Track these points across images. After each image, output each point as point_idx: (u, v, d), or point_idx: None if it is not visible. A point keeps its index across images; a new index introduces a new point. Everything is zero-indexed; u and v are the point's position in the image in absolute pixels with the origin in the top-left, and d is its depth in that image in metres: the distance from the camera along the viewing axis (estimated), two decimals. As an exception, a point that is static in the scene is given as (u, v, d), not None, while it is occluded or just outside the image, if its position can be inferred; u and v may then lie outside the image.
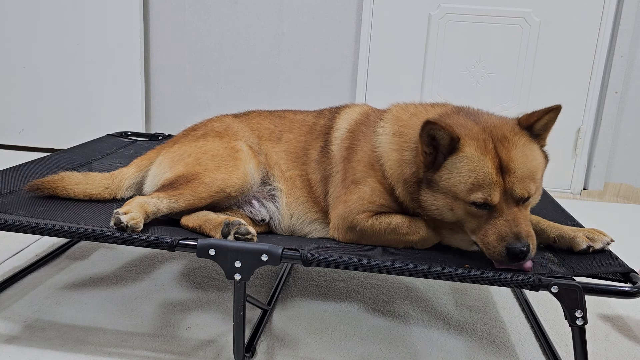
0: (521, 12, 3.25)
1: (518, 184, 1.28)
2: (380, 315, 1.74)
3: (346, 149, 1.60)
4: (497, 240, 1.28)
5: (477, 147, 1.30)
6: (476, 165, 1.29)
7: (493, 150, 1.30)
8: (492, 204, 1.28)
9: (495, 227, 1.28)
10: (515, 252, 1.25)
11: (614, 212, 3.19)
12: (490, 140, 1.31)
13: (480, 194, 1.28)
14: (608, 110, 3.30)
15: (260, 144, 1.71)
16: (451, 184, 1.32)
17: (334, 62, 3.49)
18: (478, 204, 1.29)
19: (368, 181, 1.51)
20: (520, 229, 1.27)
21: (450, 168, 1.32)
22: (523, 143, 1.33)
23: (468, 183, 1.29)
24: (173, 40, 3.57)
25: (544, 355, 1.57)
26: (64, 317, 1.61)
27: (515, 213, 1.29)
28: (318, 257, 1.30)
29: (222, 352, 1.49)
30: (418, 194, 1.40)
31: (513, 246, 1.25)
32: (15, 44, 3.56)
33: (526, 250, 1.25)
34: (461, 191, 1.30)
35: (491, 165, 1.28)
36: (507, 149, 1.30)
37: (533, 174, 1.31)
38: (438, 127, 1.30)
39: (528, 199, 1.31)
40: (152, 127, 3.72)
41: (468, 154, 1.30)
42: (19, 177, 1.80)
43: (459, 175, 1.30)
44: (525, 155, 1.31)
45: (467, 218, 1.33)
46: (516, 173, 1.28)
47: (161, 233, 1.40)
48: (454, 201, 1.33)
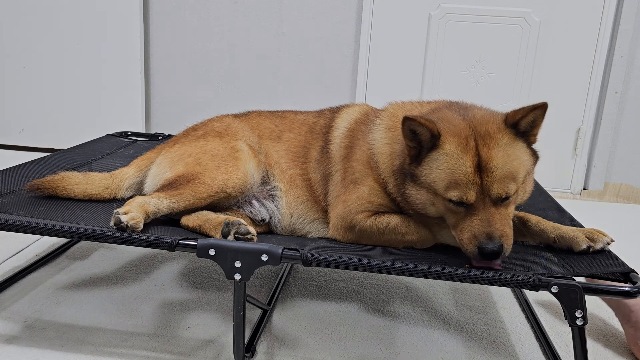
0: (521, 12, 3.25)
1: (496, 183, 1.27)
2: (380, 315, 1.74)
3: (345, 148, 1.60)
4: (470, 239, 1.28)
5: (458, 145, 1.30)
6: (454, 163, 1.29)
7: (474, 148, 1.29)
8: (468, 202, 1.28)
9: (470, 225, 1.29)
10: (486, 252, 1.25)
11: (614, 212, 3.19)
12: (472, 137, 1.30)
13: (456, 192, 1.28)
14: (608, 110, 3.30)
15: (261, 143, 1.71)
16: (431, 179, 1.32)
17: (334, 62, 3.49)
18: (455, 201, 1.29)
19: (366, 181, 1.52)
20: (493, 229, 1.26)
21: (430, 164, 1.32)
22: (506, 141, 1.31)
23: (446, 180, 1.29)
24: (173, 40, 3.57)
25: (544, 355, 1.57)
26: (64, 317, 1.61)
27: (490, 213, 1.28)
28: (318, 257, 1.30)
29: (222, 352, 1.49)
30: (403, 188, 1.41)
31: (484, 246, 1.25)
32: (15, 44, 3.56)
33: (498, 250, 1.25)
34: (439, 187, 1.31)
35: (469, 164, 1.27)
36: (488, 147, 1.29)
37: (513, 174, 1.29)
38: (417, 123, 1.30)
39: (507, 199, 1.30)
40: (152, 127, 3.72)
41: (447, 151, 1.30)
42: (19, 177, 1.80)
43: (437, 171, 1.31)
44: (506, 155, 1.29)
45: (448, 214, 1.34)
46: (494, 172, 1.27)
47: (161, 233, 1.40)
48: (434, 197, 1.34)
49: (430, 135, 1.31)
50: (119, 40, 3.50)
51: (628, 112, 3.33)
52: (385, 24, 3.38)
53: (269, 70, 3.55)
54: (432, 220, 1.43)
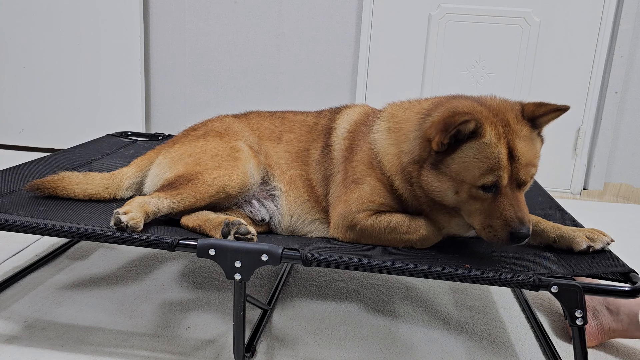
0: (521, 12, 3.25)
1: (523, 169, 1.33)
2: (380, 315, 1.74)
3: (346, 149, 1.60)
4: (502, 225, 1.31)
5: (494, 133, 1.33)
6: (493, 151, 1.31)
7: (504, 137, 1.33)
8: (501, 186, 1.32)
9: (500, 210, 1.31)
10: (519, 237, 1.29)
11: (614, 212, 3.19)
12: (500, 125, 1.34)
13: (491, 177, 1.31)
14: (608, 110, 3.30)
15: (261, 143, 1.71)
16: (464, 167, 1.33)
17: (334, 62, 3.49)
18: (487, 186, 1.32)
19: (368, 180, 1.52)
20: (524, 214, 1.31)
21: (468, 153, 1.33)
22: (525, 132, 1.36)
23: (482, 168, 1.31)
24: (173, 40, 3.57)
25: (544, 355, 1.57)
26: (64, 317, 1.61)
27: (518, 197, 1.33)
28: (318, 257, 1.30)
29: (222, 352, 1.49)
30: (419, 176, 1.41)
31: (518, 230, 1.29)
32: (15, 44, 3.56)
33: (528, 233, 1.30)
34: (473, 176, 1.32)
35: (504, 152, 1.32)
36: (512, 136, 1.33)
37: (533, 162, 1.36)
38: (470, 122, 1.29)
39: (525, 185, 1.36)
40: (152, 127, 3.73)
41: (488, 140, 1.32)
42: (19, 177, 1.80)
43: (474, 160, 1.32)
44: (527, 144, 1.35)
45: (469, 201, 1.35)
46: (521, 160, 1.33)
47: (161, 233, 1.40)
48: (460, 184, 1.35)
49: (475, 127, 1.31)
50: (119, 40, 3.50)
51: (628, 112, 3.33)
52: (385, 24, 3.38)
53: (269, 70, 3.55)
54: (442, 211, 1.44)
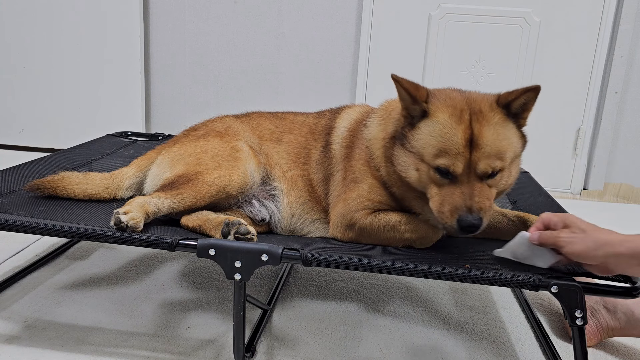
0: (521, 12, 3.25)
1: (483, 159, 1.30)
2: (380, 315, 1.74)
3: (346, 147, 1.61)
4: (450, 212, 1.30)
5: (452, 115, 1.33)
6: (447, 132, 1.31)
7: (468, 122, 1.31)
8: (455, 173, 1.30)
9: (452, 198, 1.31)
10: (465, 225, 1.27)
11: (614, 212, 3.19)
12: (467, 112, 1.33)
13: (444, 161, 1.30)
14: (608, 110, 3.30)
15: (261, 144, 1.71)
16: (421, 144, 1.35)
17: (334, 62, 3.49)
18: (441, 170, 1.31)
19: (366, 178, 1.52)
20: (473, 202, 1.28)
21: (424, 129, 1.35)
22: (497, 120, 1.33)
23: (436, 147, 1.32)
24: (173, 40, 3.57)
25: (544, 355, 1.57)
26: (64, 317, 1.61)
27: (473, 187, 1.30)
28: (318, 257, 1.30)
29: (222, 352, 1.49)
30: (392, 152, 1.43)
31: (464, 219, 1.27)
32: (15, 44, 3.56)
33: (477, 224, 1.27)
34: (428, 154, 1.33)
35: (461, 136, 1.30)
36: (479, 123, 1.31)
37: (501, 153, 1.32)
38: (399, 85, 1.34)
39: (492, 176, 1.32)
40: (152, 127, 3.73)
41: (441, 120, 1.33)
42: (19, 177, 1.80)
43: (429, 138, 1.33)
44: (496, 133, 1.32)
45: (430, 184, 1.35)
46: (483, 149, 1.30)
47: (161, 233, 1.40)
48: (420, 162, 1.36)
49: (412, 101, 1.35)
50: (119, 40, 3.50)
51: (628, 112, 3.33)
52: (385, 24, 3.38)
53: (269, 70, 3.55)
54: (415, 195, 1.44)
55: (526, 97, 1.34)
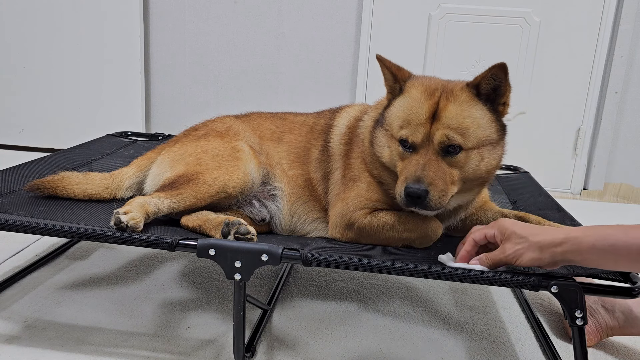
0: (521, 12, 3.25)
1: (441, 129, 1.31)
2: (380, 315, 1.74)
3: (345, 144, 1.61)
4: (402, 182, 1.33)
5: (423, 92, 1.37)
6: (413, 105, 1.36)
7: (436, 99, 1.35)
8: (413, 144, 1.33)
9: (406, 168, 1.33)
10: (409, 193, 1.28)
11: (614, 212, 3.19)
12: (439, 91, 1.37)
13: (405, 131, 1.34)
14: (608, 110, 3.30)
15: (262, 144, 1.71)
16: (392, 118, 1.40)
17: (334, 62, 3.49)
18: (403, 140, 1.35)
19: (363, 176, 1.52)
20: (423, 174, 1.29)
21: (396, 104, 1.42)
22: (463, 98, 1.36)
23: (401, 119, 1.36)
24: (173, 40, 3.57)
25: (544, 355, 1.57)
26: (64, 317, 1.61)
27: (428, 160, 1.31)
28: (318, 257, 1.30)
29: (222, 352, 1.49)
30: (373, 135, 1.48)
31: (410, 186, 1.29)
32: (15, 44, 3.56)
33: (420, 194, 1.27)
34: (395, 126, 1.38)
35: (425, 109, 1.34)
36: (447, 100, 1.35)
37: (462, 128, 1.32)
38: (383, 64, 1.43)
39: (451, 153, 1.32)
40: (152, 127, 3.73)
41: (412, 95, 1.39)
42: (19, 177, 1.80)
43: (398, 110, 1.39)
44: (460, 109, 1.34)
45: (397, 160, 1.39)
46: (442, 121, 1.32)
47: (161, 233, 1.40)
48: (390, 139, 1.40)
49: (393, 79, 1.44)
50: (119, 40, 3.50)
51: (628, 112, 3.33)
52: (385, 24, 3.38)
53: (269, 70, 3.55)
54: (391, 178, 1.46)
55: (493, 76, 1.34)
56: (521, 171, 2.40)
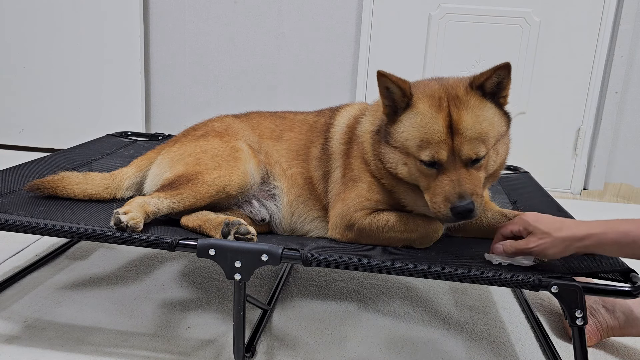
0: (521, 12, 3.25)
1: (466, 144, 1.30)
2: (380, 315, 1.74)
3: (345, 143, 1.61)
4: (442, 201, 1.31)
5: (431, 105, 1.33)
6: (427, 122, 1.32)
7: (446, 109, 1.32)
8: (440, 162, 1.31)
9: (441, 187, 1.31)
10: (459, 211, 1.28)
11: (614, 212, 3.19)
12: (445, 99, 1.33)
13: (428, 152, 1.31)
14: (608, 110, 3.30)
15: (261, 142, 1.71)
16: (404, 138, 1.36)
17: (334, 62, 3.49)
18: (426, 162, 1.32)
19: (364, 176, 1.52)
20: (464, 189, 1.29)
21: (405, 122, 1.36)
22: (473, 103, 1.33)
23: (418, 139, 1.32)
24: (173, 40, 3.57)
25: (544, 355, 1.57)
26: (64, 317, 1.61)
27: (461, 174, 1.30)
28: (318, 257, 1.30)
29: (222, 352, 1.49)
30: (379, 150, 1.44)
31: (457, 205, 1.28)
32: (15, 44, 3.56)
33: (470, 208, 1.28)
34: (412, 146, 1.34)
35: (442, 124, 1.30)
36: (457, 108, 1.32)
37: (483, 136, 1.31)
38: (389, 79, 1.34)
39: (477, 161, 1.32)
40: (152, 127, 3.73)
41: (421, 110, 1.34)
42: (19, 177, 1.80)
43: (411, 130, 1.34)
44: (475, 116, 1.32)
45: (419, 177, 1.37)
46: (464, 134, 1.30)
47: (161, 233, 1.40)
48: (406, 157, 1.37)
49: (402, 94, 1.35)
50: (119, 40, 3.50)
51: (628, 112, 3.33)
52: (385, 24, 3.38)
53: (269, 70, 3.55)
54: (406, 188, 1.45)
55: (497, 75, 1.34)
56: (521, 171, 2.40)
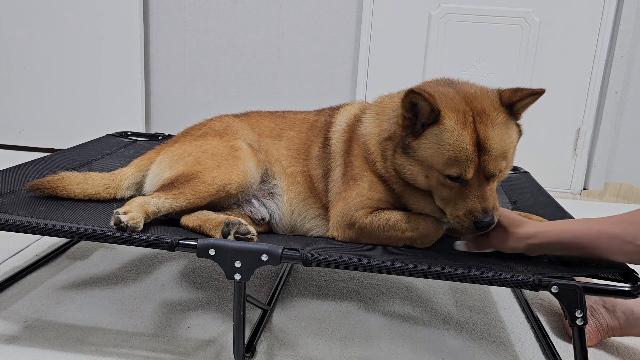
0: (521, 12, 3.25)
1: (492, 162, 1.33)
2: (380, 315, 1.74)
3: (345, 142, 1.61)
4: (466, 215, 1.34)
5: (457, 120, 1.33)
6: (456, 139, 1.32)
7: (472, 125, 1.32)
8: (466, 179, 1.33)
9: (465, 201, 1.34)
10: (482, 226, 1.33)
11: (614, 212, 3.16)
12: (470, 114, 1.33)
13: (455, 169, 1.32)
14: (608, 110, 3.30)
15: (261, 141, 1.71)
16: (429, 154, 1.35)
17: (334, 62, 3.49)
18: (452, 177, 1.34)
19: (365, 175, 1.52)
20: (487, 204, 1.33)
21: (430, 139, 1.35)
22: (500, 120, 1.35)
23: (446, 156, 1.33)
24: (173, 40, 3.57)
25: (544, 355, 1.57)
26: (64, 317, 1.61)
27: (484, 189, 1.34)
28: (318, 257, 1.30)
29: (222, 352, 1.49)
30: (392, 158, 1.45)
31: (481, 220, 1.33)
32: (15, 44, 3.56)
33: (491, 222, 1.33)
34: (438, 163, 1.34)
35: (469, 142, 1.31)
36: (484, 125, 1.32)
37: (505, 153, 1.35)
38: (421, 96, 1.32)
39: (496, 175, 1.36)
40: (152, 127, 3.73)
41: (448, 127, 1.33)
42: (19, 177, 1.79)
43: (438, 147, 1.34)
44: (501, 134, 1.34)
45: (439, 187, 1.38)
46: (491, 152, 1.32)
47: (161, 233, 1.40)
48: (429, 170, 1.37)
49: (430, 110, 1.33)
50: (119, 40, 3.50)
51: (628, 112, 3.33)
52: (385, 24, 3.38)
53: (269, 70, 3.55)
54: (417, 193, 1.47)
55: (531, 100, 1.38)
56: (521, 171, 2.40)
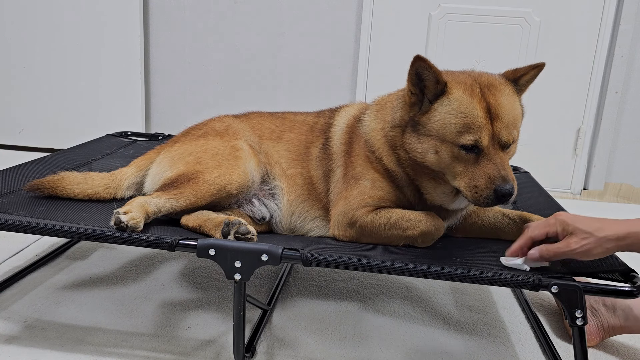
0: (521, 12, 3.25)
1: (505, 129, 1.33)
2: (380, 315, 1.74)
3: (345, 143, 1.61)
4: (486, 184, 1.31)
5: (465, 90, 1.35)
6: (466, 107, 1.33)
7: (480, 95, 1.34)
8: (482, 146, 1.32)
9: (484, 170, 1.32)
10: (504, 194, 1.30)
11: (614, 212, 3.19)
12: (477, 86, 1.36)
13: (470, 136, 1.32)
14: (608, 110, 3.30)
15: (261, 143, 1.71)
16: (441, 125, 1.36)
17: (334, 62, 3.49)
18: (468, 146, 1.33)
19: (367, 173, 1.52)
20: (507, 172, 1.32)
21: (440, 109, 1.36)
22: (508, 92, 1.38)
23: (459, 125, 1.33)
24: (173, 40, 3.57)
25: (544, 355, 1.57)
26: (64, 317, 1.61)
27: (502, 157, 1.34)
28: (318, 257, 1.30)
29: (222, 352, 1.49)
30: (402, 140, 1.44)
31: (502, 188, 1.29)
32: (15, 44, 3.56)
33: (512, 192, 1.30)
34: (450, 133, 1.34)
35: (480, 109, 1.33)
36: (494, 95, 1.35)
37: (516, 122, 1.37)
38: (426, 65, 1.35)
39: (509, 146, 1.36)
40: (152, 127, 3.73)
41: (457, 97, 1.35)
42: (19, 177, 1.79)
43: (449, 116, 1.35)
44: (511, 102, 1.37)
45: (453, 163, 1.36)
46: (503, 119, 1.33)
47: (161, 233, 1.40)
48: (440, 143, 1.36)
49: (436, 81, 1.36)
50: (119, 40, 3.50)
51: (628, 112, 3.33)
52: (385, 24, 3.38)
53: (269, 71, 3.55)
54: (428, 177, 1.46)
55: (533, 73, 1.42)
56: (521, 171, 2.40)
